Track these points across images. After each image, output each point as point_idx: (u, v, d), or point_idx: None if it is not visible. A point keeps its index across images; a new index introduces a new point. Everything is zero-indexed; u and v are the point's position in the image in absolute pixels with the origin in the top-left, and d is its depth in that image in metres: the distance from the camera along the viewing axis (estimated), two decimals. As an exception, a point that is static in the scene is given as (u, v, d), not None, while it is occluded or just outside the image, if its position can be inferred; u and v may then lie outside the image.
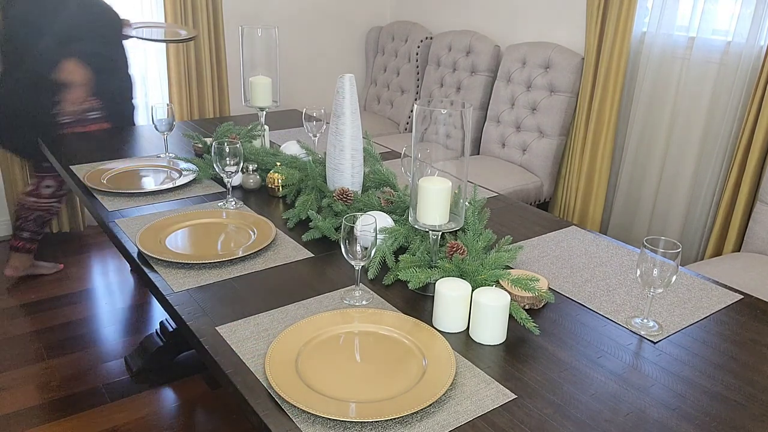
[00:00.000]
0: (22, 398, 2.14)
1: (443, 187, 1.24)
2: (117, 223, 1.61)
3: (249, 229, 1.58)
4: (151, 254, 1.40)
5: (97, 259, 3.16)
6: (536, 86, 3.05)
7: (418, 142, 1.24)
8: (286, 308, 1.25)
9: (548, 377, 1.07)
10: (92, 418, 2.07)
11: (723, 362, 1.13)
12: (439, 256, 1.33)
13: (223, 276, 1.36)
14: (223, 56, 3.55)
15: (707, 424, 0.97)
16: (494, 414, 0.97)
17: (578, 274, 1.43)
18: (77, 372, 2.29)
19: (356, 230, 1.20)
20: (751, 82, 2.44)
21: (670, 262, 1.15)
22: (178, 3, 3.30)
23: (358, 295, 1.29)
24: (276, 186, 1.81)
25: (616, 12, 2.71)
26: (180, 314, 1.21)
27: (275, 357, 1.06)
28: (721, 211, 2.50)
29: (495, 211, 1.78)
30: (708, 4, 2.53)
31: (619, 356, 1.13)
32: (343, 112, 1.61)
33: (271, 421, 0.94)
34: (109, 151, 2.18)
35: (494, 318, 1.14)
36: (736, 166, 2.43)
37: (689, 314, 1.28)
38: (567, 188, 3.09)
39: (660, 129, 2.78)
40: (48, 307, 2.70)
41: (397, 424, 0.94)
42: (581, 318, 1.25)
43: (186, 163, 1.99)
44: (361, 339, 1.15)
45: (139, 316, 2.67)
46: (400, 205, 1.56)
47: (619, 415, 0.98)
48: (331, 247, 1.51)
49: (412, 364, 1.07)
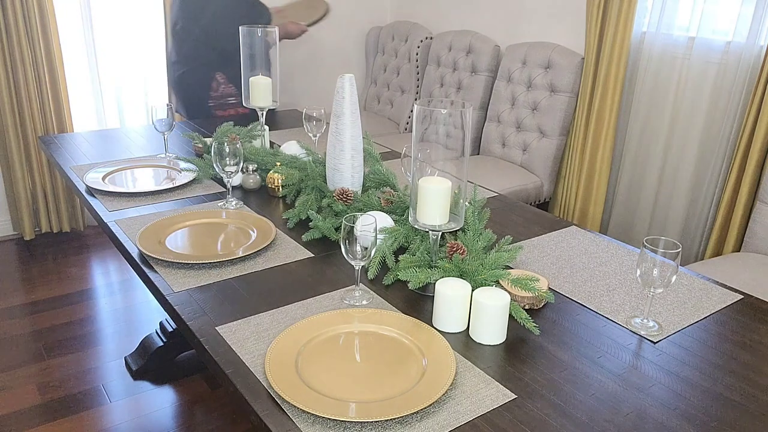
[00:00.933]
0: (22, 398, 2.14)
1: (443, 187, 1.24)
2: (117, 223, 1.61)
3: (249, 229, 1.58)
4: (151, 254, 1.40)
5: (97, 259, 3.16)
6: (536, 86, 3.04)
7: (418, 142, 1.24)
8: (286, 308, 1.25)
9: (548, 377, 1.07)
10: (92, 418, 2.07)
11: (723, 362, 1.13)
12: (439, 256, 1.33)
13: (223, 276, 1.36)
14: (223, 56, 3.55)
15: (707, 424, 0.97)
16: (494, 414, 0.97)
17: (578, 274, 1.43)
18: (77, 372, 2.29)
19: (356, 230, 1.20)
20: (751, 82, 2.44)
21: (670, 262, 1.15)
22: (178, 3, 3.30)
23: (358, 295, 1.29)
24: (276, 186, 1.81)
25: (616, 12, 2.71)
26: (180, 314, 1.21)
27: (275, 357, 1.06)
28: (721, 211, 2.50)
29: (495, 211, 1.78)
30: (708, 4, 2.53)
31: (619, 356, 1.13)
32: (343, 112, 1.61)
33: (271, 421, 0.94)
34: (109, 151, 2.18)
35: (494, 318, 1.14)
36: (736, 166, 2.43)
37: (689, 314, 1.28)
38: (567, 188, 3.09)
39: (660, 129, 2.78)
40: (48, 307, 2.70)
41: (397, 424, 0.94)
42: (581, 318, 1.25)
43: (186, 163, 1.99)
44: (361, 339, 1.15)
45: (139, 316, 2.67)
46: (400, 205, 1.56)
47: (619, 415, 0.98)
48: (331, 247, 1.51)
49: (412, 364, 1.07)
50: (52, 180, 3.29)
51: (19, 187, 3.19)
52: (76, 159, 2.08)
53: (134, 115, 3.55)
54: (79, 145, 2.23)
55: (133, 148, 2.22)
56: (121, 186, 1.85)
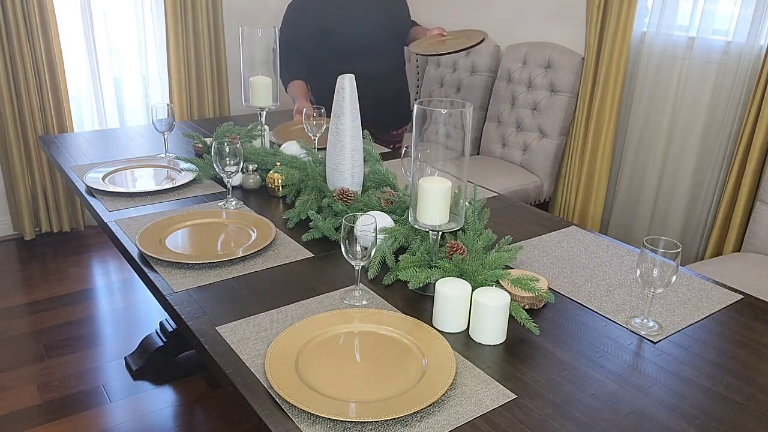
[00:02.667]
0: (22, 398, 2.14)
1: (443, 187, 1.24)
2: (117, 223, 1.61)
3: (249, 229, 1.58)
4: (151, 254, 1.40)
5: (97, 259, 3.16)
6: (536, 86, 3.04)
7: (418, 142, 1.24)
8: (286, 308, 1.25)
9: (548, 377, 1.07)
10: (92, 418, 2.07)
11: (723, 362, 1.13)
12: (439, 256, 1.33)
13: (223, 276, 1.36)
14: (223, 56, 3.55)
15: (707, 424, 0.97)
16: (494, 414, 0.97)
17: (578, 274, 1.43)
18: (77, 372, 2.29)
19: (356, 230, 1.20)
20: (751, 82, 2.44)
21: (670, 262, 1.15)
22: (178, 3, 3.30)
23: (358, 295, 1.29)
24: (276, 186, 1.81)
25: (616, 12, 2.71)
26: (180, 314, 1.21)
27: (275, 357, 1.06)
28: (721, 211, 2.50)
29: (495, 211, 1.78)
30: (708, 4, 2.53)
31: (619, 356, 1.13)
32: (343, 112, 1.61)
33: (271, 421, 0.94)
34: (109, 151, 2.18)
35: (494, 318, 1.14)
36: (736, 166, 2.43)
37: (689, 314, 1.28)
38: (567, 188, 3.09)
39: (660, 129, 2.78)
40: (48, 307, 2.70)
41: (397, 424, 0.94)
42: (581, 318, 1.25)
43: (186, 163, 1.99)
44: (361, 339, 1.15)
45: (139, 316, 2.67)
46: (400, 205, 1.56)
47: (619, 415, 0.98)
48: (331, 247, 1.51)
49: (412, 364, 1.07)
50: (52, 180, 3.29)
51: (19, 187, 3.19)
52: (76, 159, 2.08)
53: (134, 115, 3.56)
54: (79, 145, 2.23)
55: (133, 148, 2.22)
56: (121, 186, 1.85)
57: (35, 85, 3.10)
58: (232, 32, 3.58)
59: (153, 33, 3.44)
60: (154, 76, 3.52)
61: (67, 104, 3.22)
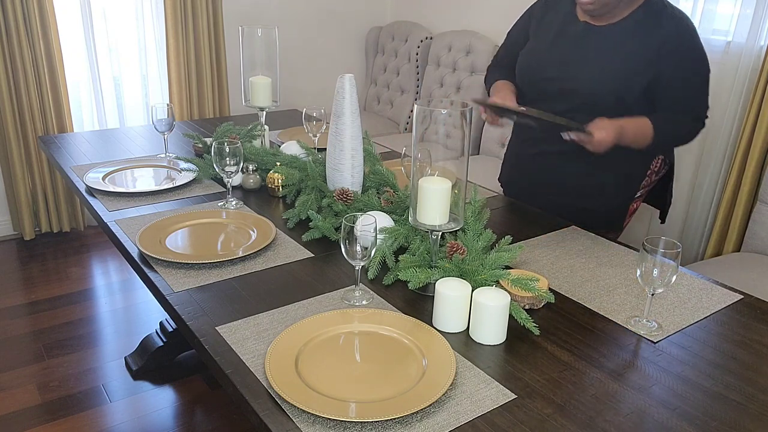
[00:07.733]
0: (22, 398, 2.14)
1: (443, 187, 1.24)
2: (117, 223, 1.61)
3: (249, 229, 1.58)
4: (151, 254, 1.40)
5: (97, 259, 3.16)
6: (536, 86, 3.04)
7: (418, 142, 1.24)
8: (286, 308, 1.25)
9: (548, 377, 1.07)
10: (92, 418, 2.07)
11: (723, 362, 1.13)
12: (439, 256, 1.33)
13: (223, 276, 1.36)
14: (223, 56, 3.55)
15: (707, 424, 0.97)
16: (494, 414, 0.97)
17: (578, 274, 1.43)
18: (77, 372, 2.29)
19: (356, 230, 1.20)
20: (751, 82, 2.44)
21: (670, 262, 1.15)
22: (178, 3, 3.30)
23: (358, 295, 1.29)
24: (276, 186, 1.80)
25: (616, 12, 2.70)
26: (180, 314, 1.21)
27: (275, 357, 1.06)
28: (721, 211, 2.50)
29: (495, 211, 1.78)
30: (708, 4, 2.53)
31: (619, 356, 1.13)
32: (343, 112, 1.61)
33: (271, 421, 0.94)
34: (109, 151, 2.18)
35: (494, 318, 1.14)
36: (736, 166, 2.43)
37: (689, 314, 1.28)
38: (567, 188, 3.08)
39: (660, 129, 2.78)
40: (48, 307, 2.70)
41: (397, 424, 0.94)
42: (581, 318, 1.25)
43: (186, 163, 1.99)
44: (361, 339, 1.15)
45: (139, 316, 2.67)
46: (400, 205, 1.56)
47: (619, 415, 0.98)
48: (331, 247, 1.51)
49: (412, 364, 1.07)
50: (52, 180, 3.29)
51: (19, 187, 3.19)
52: (76, 159, 2.08)
53: (134, 115, 3.56)
54: (79, 145, 2.23)
55: (133, 148, 2.22)
56: (121, 186, 1.85)
57: (35, 85, 3.09)
58: (232, 32, 3.58)
59: (153, 33, 3.44)
60: (154, 76, 3.52)
61: (67, 104, 3.22)
